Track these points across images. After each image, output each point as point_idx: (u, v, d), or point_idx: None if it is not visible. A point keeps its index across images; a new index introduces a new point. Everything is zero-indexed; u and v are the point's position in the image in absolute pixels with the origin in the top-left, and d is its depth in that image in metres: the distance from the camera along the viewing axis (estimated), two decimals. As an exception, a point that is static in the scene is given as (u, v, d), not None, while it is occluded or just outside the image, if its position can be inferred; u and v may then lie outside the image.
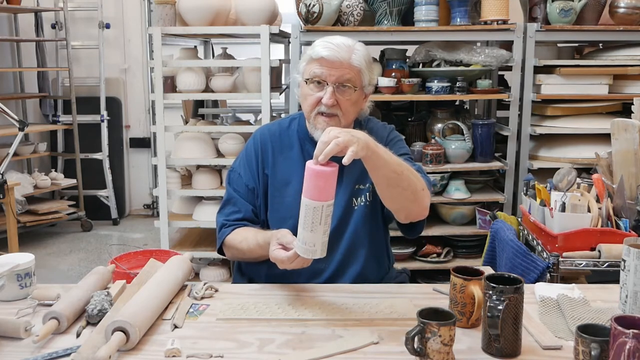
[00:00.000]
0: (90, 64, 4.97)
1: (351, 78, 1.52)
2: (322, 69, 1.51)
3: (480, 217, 3.07)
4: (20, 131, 3.20)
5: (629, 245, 1.32)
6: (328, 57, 1.50)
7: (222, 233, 1.64)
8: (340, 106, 1.53)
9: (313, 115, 1.56)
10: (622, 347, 0.98)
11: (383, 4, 2.90)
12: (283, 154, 1.66)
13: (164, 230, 3.22)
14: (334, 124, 1.53)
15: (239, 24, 3.23)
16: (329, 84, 1.51)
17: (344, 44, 1.53)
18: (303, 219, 1.30)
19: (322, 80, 1.52)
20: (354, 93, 1.54)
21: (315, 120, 1.56)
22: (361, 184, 1.64)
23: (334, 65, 1.51)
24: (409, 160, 1.64)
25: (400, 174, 1.41)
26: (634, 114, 2.37)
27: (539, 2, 3.00)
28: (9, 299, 1.41)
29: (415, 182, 1.46)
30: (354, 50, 1.53)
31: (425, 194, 1.51)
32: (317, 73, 1.52)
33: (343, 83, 1.52)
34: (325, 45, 1.52)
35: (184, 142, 3.23)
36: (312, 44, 1.57)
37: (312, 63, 1.54)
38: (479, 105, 3.67)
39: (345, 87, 1.52)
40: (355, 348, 1.20)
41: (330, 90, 1.51)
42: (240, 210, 1.65)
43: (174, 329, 1.28)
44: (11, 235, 3.43)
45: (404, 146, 1.71)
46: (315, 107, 1.54)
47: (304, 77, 1.56)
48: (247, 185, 1.66)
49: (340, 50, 1.51)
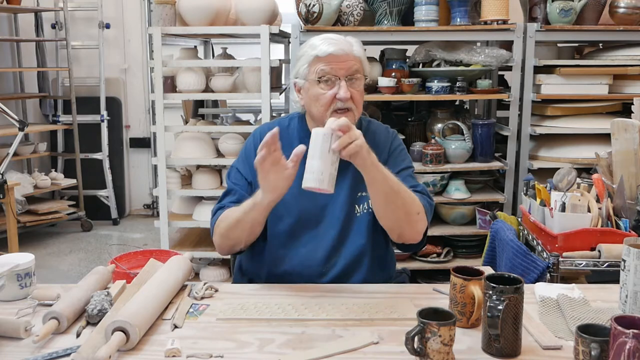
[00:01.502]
0: (90, 64, 4.97)
1: (358, 68, 1.55)
2: (330, 65, 1.52)
3: (480, 217, 3.07)
4: (20, 131, 3.20)
5: (629, 245, 1.32)
6: (335, 52, 1.51)
7: (216, 215, 1.60)
8: (353, 99, 1.54)
9: (328, 115, 1.53)
10: (622, 347, 0.98)
11: (383, 4, 2.90)
12: (283, 152, 1.66)
13: (164, 230, 3.23)
14: (350, 119, 1.51)
15: (239, 24, 3.23)
16: (340, 79, 1.52)
17: (342, 38, 1.56)
18: (312, 149, 1.32)
19: (333, 75, 1.52)
20: (362, 83, 1.57)
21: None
22: (363, 191, 1.61)
23: (341, 58, 1.52)
24: (412, 176, 1.65)
25: (397, 192, 1.45)
26: (634, 114, 2.37)
27: (539, 2, 3.00)
28: (9, 299, 1.41)
29: (410, 204, 1.49)
30: (352, 42, 1.57)
31: (420, 218, 1.52)
32: (326, 70, 1.52)
33: (353, 74, 1.53)
34: (328, 42, 1.53)
35: (184, 142, 3.23)
36: (309, 45, 1.56)
37: (318, 62, 1.53)
38: (479, 105, 3.67)
39: (355, 79, 1.54)
40: (355, 348, 1.20)
41: (345, 84, 1.52)
42: (240, 199, 1.60)
43: (174, 329, 1.28)
44: (11, 235, 3.43)
45: (406, 157, 1.70)
46: (330, 105, 1.53)
47: (314, 77, 1.54)
48: (246, 179, 1.64)
49: (343, 44, 1.53)
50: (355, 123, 1.56)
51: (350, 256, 1.61)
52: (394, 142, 1.70)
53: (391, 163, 1.63)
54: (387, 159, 1.65)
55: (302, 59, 1.57)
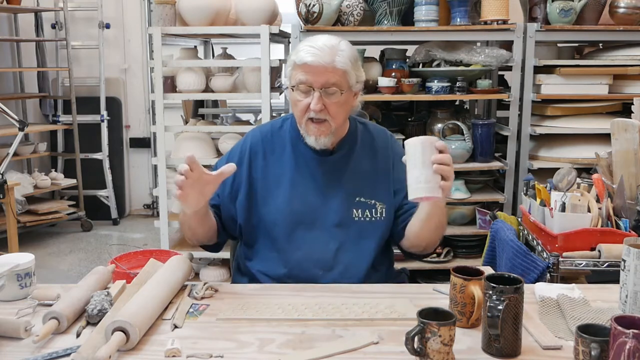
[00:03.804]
0: (90, 64, 4.97)
1: (337, 82, 1.50)
2: (306, 75, 1.49)
3: (480, 217, 3.07)
4: (20, 131, 3.20)
5: (629, 245, 1.32)
6: (312, 63, 1.48)
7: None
8: (328, 111, 1.51)
9: (304, 122, 1.55)
10: (622, 347, 0.98)
11: (383, 4, 2.90)
12: (275, 154, 1.65)
13: (164, 230, 3.23)
14: (325, 129, 1.54)
15: (239, 24, 3.23)
16: (315, 90, 1.50)
17: (326, 47, 1.49)
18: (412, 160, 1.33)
19: (308, 86, 1.50)
20: (341, 96, 1.52)
21: (307, 126, 1.55)
22: (362, 197, 1.62)
23: (317, 70, 1.48)
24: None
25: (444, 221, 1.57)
26: (634, 114, 2.37)
27: (539, 2, 3.00)
28: (9, 299, 1.41)
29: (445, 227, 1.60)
30: (338, 51, 1.50)
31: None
32: (302, 79, 1.50)
33: (329, 87, 1.50)
34: (308, 50, 1.49)
35: (184, 142, 3.23)
36: (296, 48, 1.54)
37: (297, 69, 1.52)
38: (479, 105, 3.67)
39: (331, 91, 1.50)
40: (355, 348, 1.20)
41: (317, 96, 1.49)
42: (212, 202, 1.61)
43: (174, 329, 1.28)
44: (11, 235, 3.43)
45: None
46: (305, 113, 1.53)
47: (290, 84, 1.54)
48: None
49: (323, 55, 1.48)
50: (333, 131, 1.56)
51: (349, 261, 1.60)
52: (395, 147, 1.69)
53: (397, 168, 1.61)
54: (392, 163, 1.65)
55: (289, 61, 1.56)
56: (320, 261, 1.59)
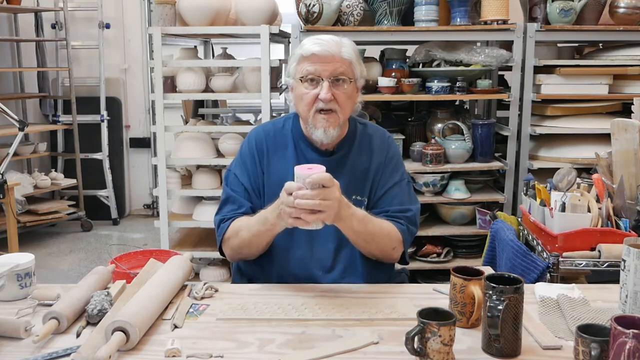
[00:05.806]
0: (90, 64, 4.97)
1: (344, 70, 1.54)
2: (314, 65, 1.52)
3: (480, 217, 3.07)
4: (20, 131, 3.20)
5: (629, 245, 1.32)
6: (319, 53, 1.51)
7: (222, 228, 1.61)
8: (337, 100, 1.53)
9: (312, 115, 1.55)
10: (622, 347, 0.98)
11: (383, 4, 2.90)
12: (278, 153, 1.66)
13: (164, 230, 3.23)
14: (333, 120, 1.54)
15: (239, 24, 3.23)
16: (324, 79, 1.52)
17: (331, 39, 1.55)
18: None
19: (317, 76, 1.53)
20: (349, 85, 1.55)
21: (315, 119, 1.55)
22: (358, 195, 1.63)
23: (326, 59, 1.52)
24: (405, 190, 1.65)
25: (373, 235, 1.51)
26: (634, 114, 2.37)
27: (539, 2, 3.00)
28: (9, 299, 1.41)
29: (385, 244, 1.56)
30: (343, 44, 1.55)
31: (396, 251, 1.59)
32: (310, 70, 1.53)
33: (337, 76, 1.53)
34: (315, 41, 1.53)
35: (184, 142, 3.23)
36: (300, 44, 1.58)
37: (304, 61, 1.54)
38: (479, 105, 3.67)
39: (340, 80, 1.53)
40: (355, 348, 1.20)
41: (327, 85, 1.52)
42: (240, 207, 1.62)
43: (174, 329, 1.28)
44: (11, 235, 3.43)
45: (401, 168, 1.70)
46: (313, 105, 1.54)
47: (298, 76, 1.56)
48: (244, 185, 1.64)
49: (330, 45, 1.53)
50: (341, 123, 1.57)
51: (349, 259, 1.61)
52: (390, 149, 1.69)
53: (386, 173, 1.64)
54: (383, 166, 1.65)
55: (292, 58, 1.60)
56: (320, 261, 1.59)
